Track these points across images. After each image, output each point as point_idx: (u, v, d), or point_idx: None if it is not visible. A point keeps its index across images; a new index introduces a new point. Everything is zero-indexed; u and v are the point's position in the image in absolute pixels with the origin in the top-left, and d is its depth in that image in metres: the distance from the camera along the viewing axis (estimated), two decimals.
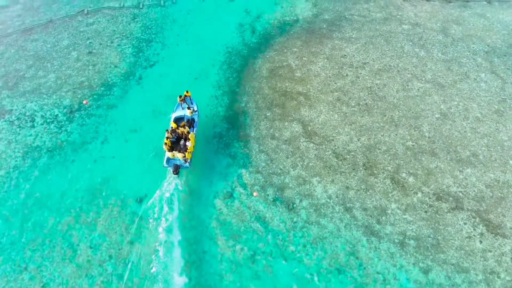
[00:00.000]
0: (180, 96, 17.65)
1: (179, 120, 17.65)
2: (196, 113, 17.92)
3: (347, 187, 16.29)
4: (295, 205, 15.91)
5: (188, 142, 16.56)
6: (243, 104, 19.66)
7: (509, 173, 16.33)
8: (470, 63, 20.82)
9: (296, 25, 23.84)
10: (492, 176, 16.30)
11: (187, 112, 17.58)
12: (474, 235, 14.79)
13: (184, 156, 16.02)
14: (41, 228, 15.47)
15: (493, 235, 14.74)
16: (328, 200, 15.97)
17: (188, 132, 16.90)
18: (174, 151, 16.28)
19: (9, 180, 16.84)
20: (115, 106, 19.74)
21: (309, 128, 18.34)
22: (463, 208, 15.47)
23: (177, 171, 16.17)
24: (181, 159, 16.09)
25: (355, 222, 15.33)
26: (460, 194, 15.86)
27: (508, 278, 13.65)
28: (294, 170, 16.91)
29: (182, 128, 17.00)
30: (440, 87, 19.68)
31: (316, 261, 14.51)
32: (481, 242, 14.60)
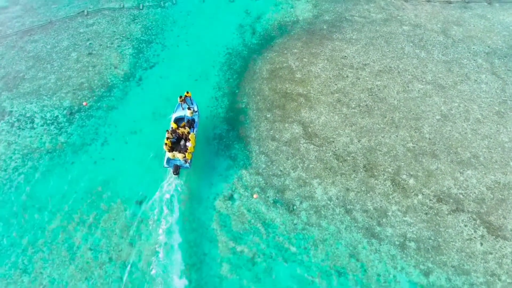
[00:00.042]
0: (180, 96, 17.65)
1: (180, 121, 17.66)
2: (197, 113, 17.91)
3: (348, 189, 16.26)
4: (295, 207, 15.88)
5: (188, 143, 16.56)
6: (243, 106, 19.63)
7: (510, 174, 16.29)
8: (471, 64, 20.79)
9: (296, 26, 23.80)
10: (492, 177, 16.27)
11: (188, 113, 17.57)
12: (475, 237, 14.75)
13: (184, 157, 16.01)
14: (41, 230, 15.44)
15: (493, 237, 14.70)
16: (328, 202, 15.94)
17: (189, 132, 16.90)
18: (174, 151, 16.28)
19: (9, 181, 16.82)
20: (115, 107, 19.71)
21: (309, 130, 18.30)
22: (463, 210, 15.43)
23: (177, 171, 16.17)
24: (181, 159, 16.09)
25: (356, 224, 15.29)
26: (461, 196, 15.82)
27: (509, 281, 13.62)
28: (294, 172, 16.88)
29: (182, 128, 17.02)
30: (441, 89, 19.65)
31: (317, 263, 14.48)
32: (481, 244, 14.56)
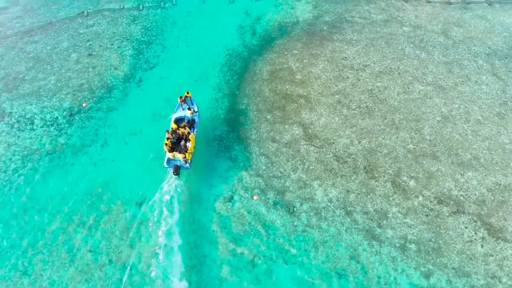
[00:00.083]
0: (180, 97, 17.64)
1: (180, 121, 17.67)
2: (197, 114, 17.91)
3: (348, 191, 16.23)
4: (295, 208, 15.85)
5: (188, 143, 16.57)
6: (243, 107, 19.60)
7: (510, 176, 16.26)
8: (471, 66, 20.76)
9: (297, 27, 23.77)
10: (493, 179, 16.24)
11: (188, 113, 17.57)
12: (476, 239, 14.72)
13: (185, 157, 16.01)
14: (40, 232, 15.41)
15: (494, 239, 14.67)
16: (328, 203, 15.91)
17: (189, 133, 16.91)
18: (175, 151, 16.27)
19: (8, 183, 16.79)
20: (115, 108, 19.69)
21: (309, 131, 18.28)
22: (464, 212, 15.40)
23: (177, 171, 16.17)
24: (181, 159, 16.09)
25: (356, 226, 15.27)
26: (461, 198, 15.79)
27: (509, 283, 13.58)
28: (294, 174, 16.85)
29: (182, 129, 17.02)
30: (441, 90, 19.62)
31: (317, 265, 14.45)
32: (482, 246, 14.53)
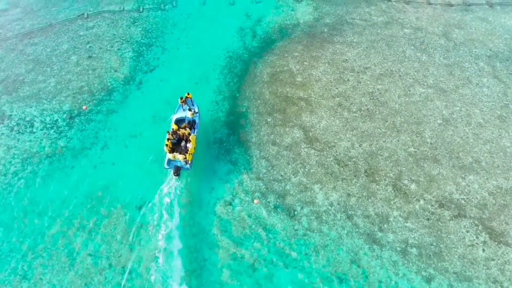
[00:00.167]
0: (181, 97, 17.61)
1: (180, 122, 17.63)
2: (197, 114, 17.88)
3: (349, 194, 16.17)
4: (296, 212, 15.79)
5: (189, 144, 16.54)
6: (244, 109, 19.54)
7: None
8: (472, 68, 20.69)
9: (297, 29, 23.72)
10: (495, 183, 16.17)
11: (188, 114, 17.54)
12: (477, 243, 14.66)
13: (185, 158, 15.98)
14: (40, 236, 15.36)
15: (496, 243, 14.61)
16: (329, 207, 15.85)
17: (189, 133, 16.88)
18: (175, 152, 16.24)
19: (8, 186, 16.74)
20: (115, 111, 19.64)
21: (310, 134, 18.22)
22: (465, 216, 15.34)
23: (177, 172, 16.15)
24: (182, 160, 16.06)
25: (357, 230, 15.20)
26: (463, 202, 15.73)
27: None
28: (295, 177, 16.79)
29: (183, 129, 17.00)
30: (442, 92, 19.55)
31: (318, 269, 14.39)
32: (483, 251, 14.47)
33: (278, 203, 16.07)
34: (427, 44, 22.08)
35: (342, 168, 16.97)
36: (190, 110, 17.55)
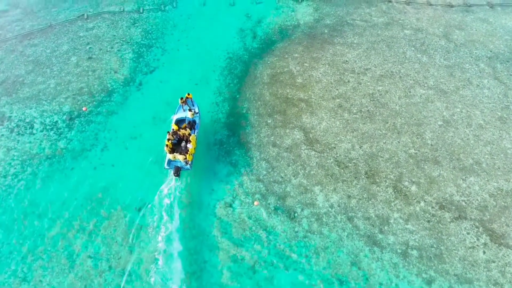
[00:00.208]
0: (181, 98, 17.59)
1: (181, 122, 17.62)
2: (198, 115, 17.86)
3: (349, 196, 16.14)
4: (296, 214, 15.76)
5: (189, 144, 16.53)
6: (244, 111, 19.52)
7: None
8: (473, 69, 20.66)
9: (297, 30, 23.69)
10: (495, 184, 16.14)
11: (189, 114, 17.52)
12: (478, 245, 14.62)
13: (185, 158, 15.96)
14: (40, 237, 15.32)
15: (496, 245, 14.57)
16: (330, 209, 15.82)
17: (189, 134, 16.86)
18: (175, 153, 16.22)
19: (8, 188, 16.70)
20: (115, 112, 19.61)
21: (310, 136, 18.19)
22: (466, 218, 15.30)
23: (178, 173, 16.16)
24: (182, 161, 16.05)
25: (357, 232, 15.17)
26: (463, 203, 15.69)
27: None
28: (295, 179, 16.76)
29: (183, 130, 16.98)
30: (443, 94, 19.52)
31: (318, 271, 14.35)
32: (484, 253, 14.43)
33: (278, 205, 16.04)
34: (427, 45, 22.05)
35: (343, 170, 16.94)
36: (190, 110, 17.55)
